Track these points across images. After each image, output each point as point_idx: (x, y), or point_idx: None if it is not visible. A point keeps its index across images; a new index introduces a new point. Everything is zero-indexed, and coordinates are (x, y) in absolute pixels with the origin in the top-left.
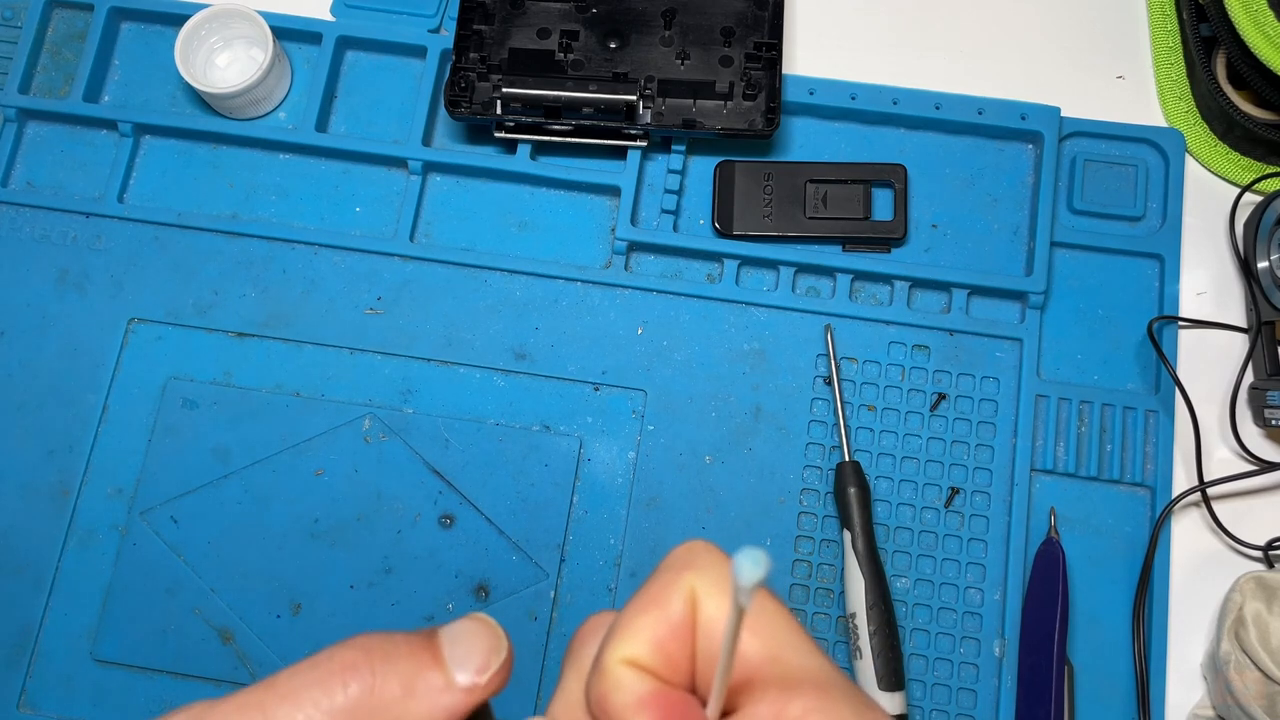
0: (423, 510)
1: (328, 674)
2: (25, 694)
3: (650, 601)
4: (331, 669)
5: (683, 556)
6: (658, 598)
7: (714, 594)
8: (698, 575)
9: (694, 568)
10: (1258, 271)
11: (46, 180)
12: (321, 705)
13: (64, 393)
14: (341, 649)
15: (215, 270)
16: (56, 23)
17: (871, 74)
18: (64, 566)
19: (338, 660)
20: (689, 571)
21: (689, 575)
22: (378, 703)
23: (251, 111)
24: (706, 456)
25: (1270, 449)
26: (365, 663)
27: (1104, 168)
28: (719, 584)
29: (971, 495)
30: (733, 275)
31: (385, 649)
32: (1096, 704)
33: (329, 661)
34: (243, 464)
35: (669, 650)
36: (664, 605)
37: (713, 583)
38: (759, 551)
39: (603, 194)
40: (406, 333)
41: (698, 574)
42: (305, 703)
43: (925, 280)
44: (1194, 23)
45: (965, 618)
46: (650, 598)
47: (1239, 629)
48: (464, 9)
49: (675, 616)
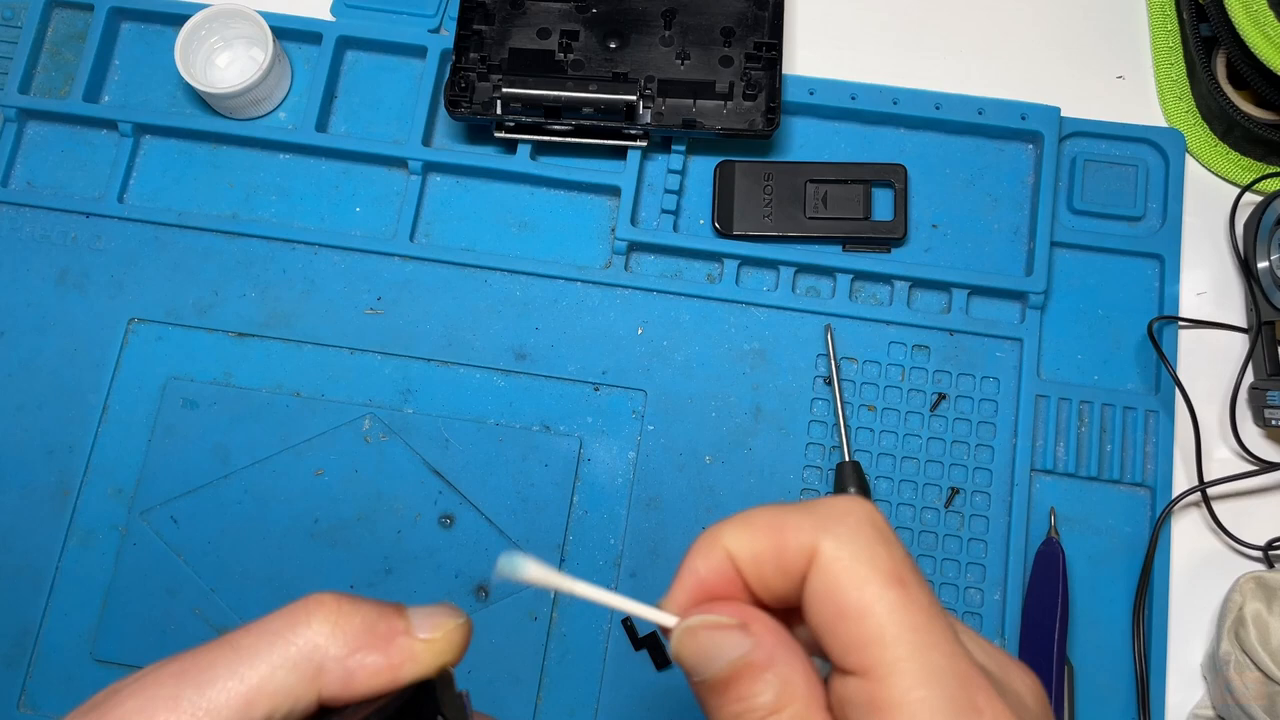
0: (423, 510)
1: (297, 611)
2: (25, 694)
3: (771, 524)
4: (297, 608)
5: (837, 510)
6: (781, 524)
7: (836, 565)
8: (833, 536)
9: (835, 528)
10: (1258, 271)
11: (46, 180)
12: (288, 640)
13: (64, 393)
14: (308, 596)
15: (215, 270)
16: (56, 23)
17: (871, 74)
18: (64, 566)
19: (309, 601)
20: (829, 527)
21: (825, 530)
22: (340, 635)
23: (251, 111)
24: (706, 456)
25: (1270, 449)
26: (332, 602)
27: (1104, 168)
28: (845, 558)
29: (971, 495)
30: (733, 275)
31: (351, 597)
32: (1096, 704)
33: (297, 603)
34: (243, 464)
35: (763, 562)
36: (781, 532)
37: (840, 551)
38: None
39: (603, 194)
40: (406, 333)
41: (834, 535)
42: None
43: (925, 280)
44: (1194, 23)
45: (965, 618)
46: (777, 523)
47: (1239, 629)
48: (464, 9)
49: (788, 553)
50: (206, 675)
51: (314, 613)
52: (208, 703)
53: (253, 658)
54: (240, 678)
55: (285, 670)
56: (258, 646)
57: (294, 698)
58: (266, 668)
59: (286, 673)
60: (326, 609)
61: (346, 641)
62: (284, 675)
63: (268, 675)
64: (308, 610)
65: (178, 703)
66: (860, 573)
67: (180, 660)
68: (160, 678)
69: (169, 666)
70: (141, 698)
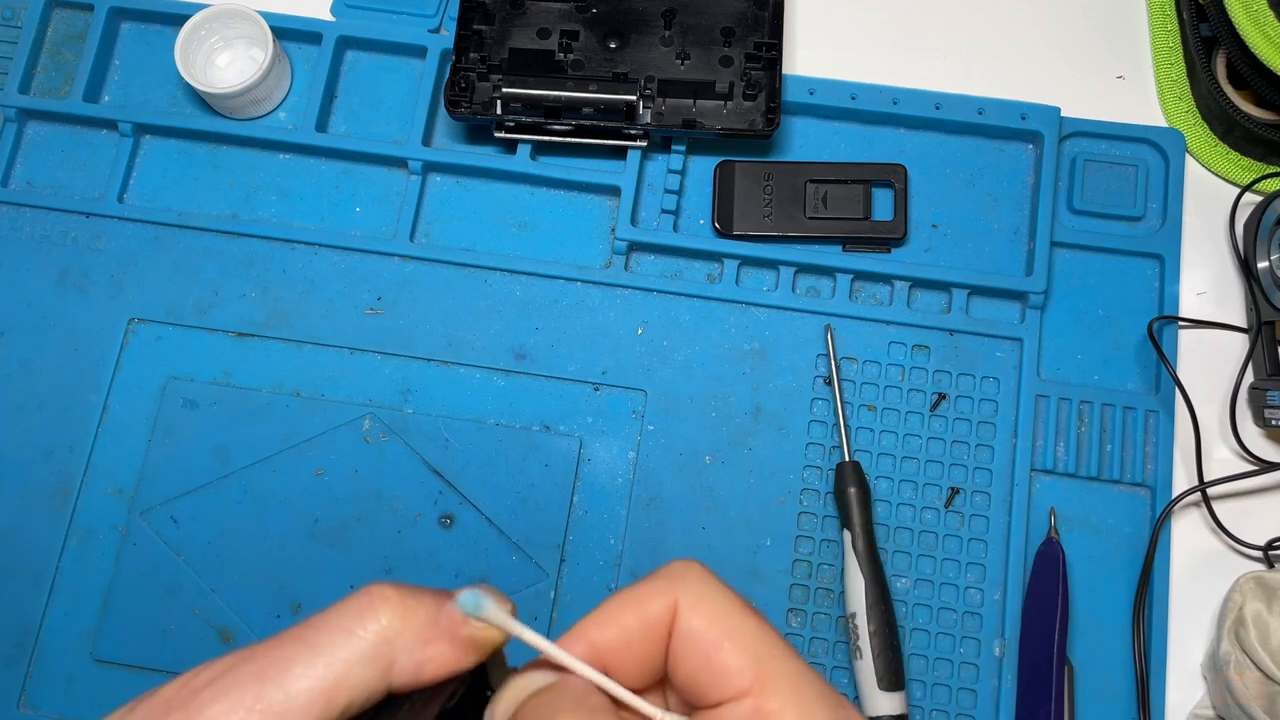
0: (423, 510)
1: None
2: (25, 694)
3: (633, 600)
4: (362, 601)
5: (676, 570)
6: (641, 598)
7: (697, 609)
8: (684, 590)
9: (683, 583)
10: (1258, 271)
11: (46, 180)
12: (360, 635)
13: (64, 393)
14: (369, 588)
15: (215, 270)
16: (56, 23)
17: (871, 74)
18: (64, 566)
19: (373, 594)
20: (678, 585)
21: (676, 587)
22: (408, 628)
23: (251, 111)
24: (706, 456)
25: (1270, 449)
26: (396, 596)
27: (1104, 168)
28: (703, 601)
29: (971, 495)
30: (733, 275)
31: (410, 588)
32: (1096, 704)
33: (360, 596)
34: (243, 464)
35: (634, 644)
36: (644, 605)
37: (696, 598)
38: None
39: (603, 194)
40: (406, 333)
41: (684, 589)
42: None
43: (925, 280)
44: (1194, 23)
45: (965, 618)
46: (634, 596)
47: (1239, 629)
48: (464, 9)
49: (651, 617)
50: (286, 675)
51: (380, 607)
52: (291, 702)
53: (329, 654)
54: (320, 675)
55: (361, 665)
56: (333, 643)
57: (369, 691)
58: (343, 664)
59: (363, 668)
60: (392, 603)
61: (416, 634)
62: (360, 670)
63: (344, 671)
64: (373, 604)
65: (263, 705)
66: (719, 607)
67: (256, 658)
68: (241, 678)
69: (247, 666)
70: (226, 701)
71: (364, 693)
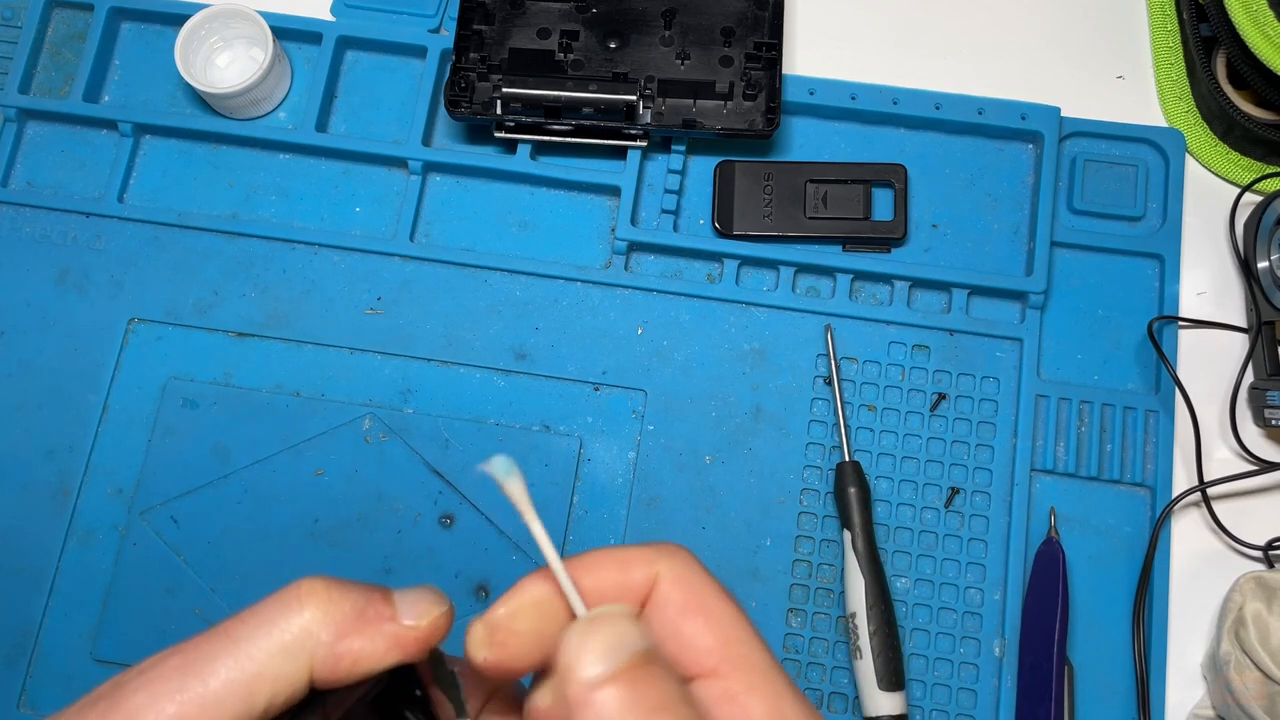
0: (423, 510)
1: (289, 598)
2: (25, 694)
3: (618, 559)
4: (289, 595)
5: (665, 546)
6: (626, 560)
7: (677, 583)
8: (667, 564)
9: (668, 558)
10: (1258, 271)
11: (46, 180)
12: (283, 627)
13: (64, 393)
14: (298, 581)
15: (215, 270)
16: (56, 23)
17: (871, 74)
18: (64, 566)
19: (300, 587)
20: (663, 557)
21: (660, 559)
22: (331, 621)
23: (251, 111)
24: (706, 456)
25: (1270, 449)
26: (323, 589)
27: (1104, 168)
28: (683, 578)
29: (971, 495)
30: (733, 275)
31: (340, 582)
32: (1096, 704)
33: (288, 589)
34: (243, 464)
35: (607, 599)
36: (626, 566)
37: (678, 574)
38: (513, 465)
39: (603, 194)
40: (406, 333)
41: (668, 563)
42: (270, 630)
43: (925, 280)
44: (1194, 23)
45: (965, 618)
46: (620, 556)
47: (1239, 629)
48: (464, 9)
49: (631, 580)
50: (209, 667)
51: (305, 599)
52: (212, 694)
53: (250, 647)
54: (240, 668)
55: (281, 657)
56: (254, 635)
57: (291, 683)
58: (264, 656)
59: (283, 660)
60: (317, 595)
61: (336, 627)
62: (280, 662)
63: (265, 663)
64: (299, 597)
65: (184, 695)
66: (697, 586)
67: (181, 652)
68: (164, 671)
69: (171, 660)
70: (148, 692)
71: (285, 685)
